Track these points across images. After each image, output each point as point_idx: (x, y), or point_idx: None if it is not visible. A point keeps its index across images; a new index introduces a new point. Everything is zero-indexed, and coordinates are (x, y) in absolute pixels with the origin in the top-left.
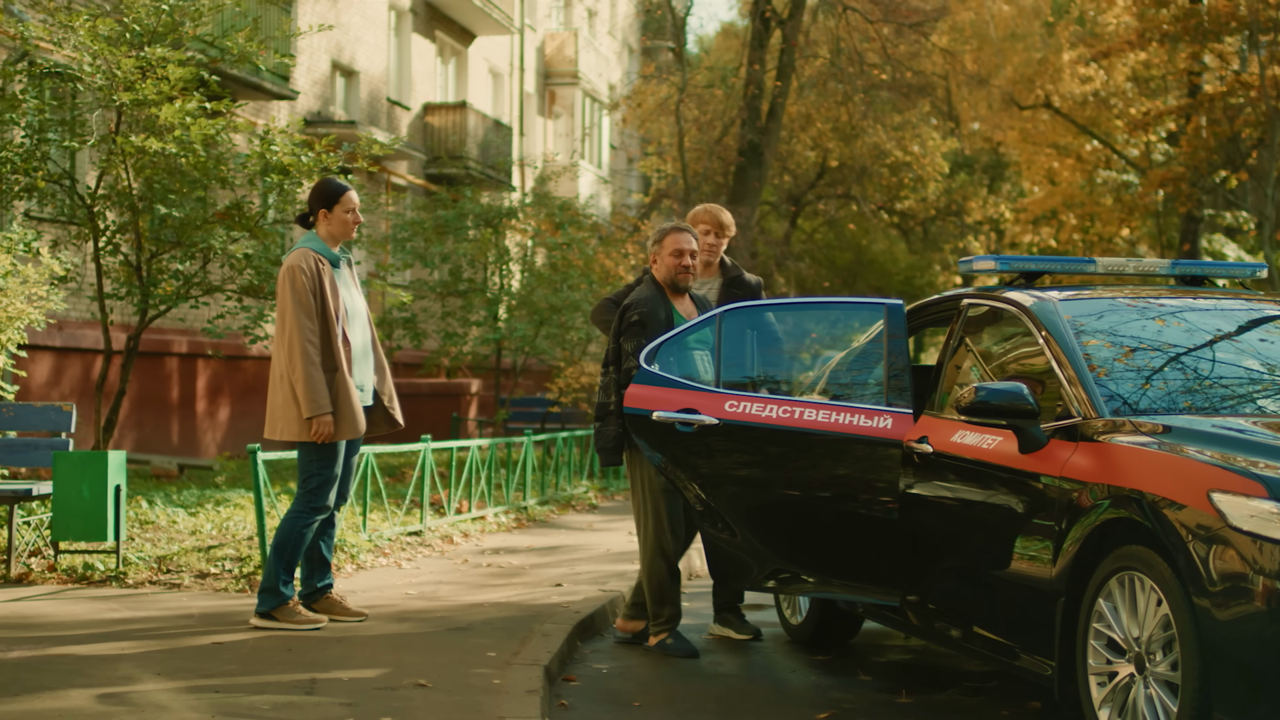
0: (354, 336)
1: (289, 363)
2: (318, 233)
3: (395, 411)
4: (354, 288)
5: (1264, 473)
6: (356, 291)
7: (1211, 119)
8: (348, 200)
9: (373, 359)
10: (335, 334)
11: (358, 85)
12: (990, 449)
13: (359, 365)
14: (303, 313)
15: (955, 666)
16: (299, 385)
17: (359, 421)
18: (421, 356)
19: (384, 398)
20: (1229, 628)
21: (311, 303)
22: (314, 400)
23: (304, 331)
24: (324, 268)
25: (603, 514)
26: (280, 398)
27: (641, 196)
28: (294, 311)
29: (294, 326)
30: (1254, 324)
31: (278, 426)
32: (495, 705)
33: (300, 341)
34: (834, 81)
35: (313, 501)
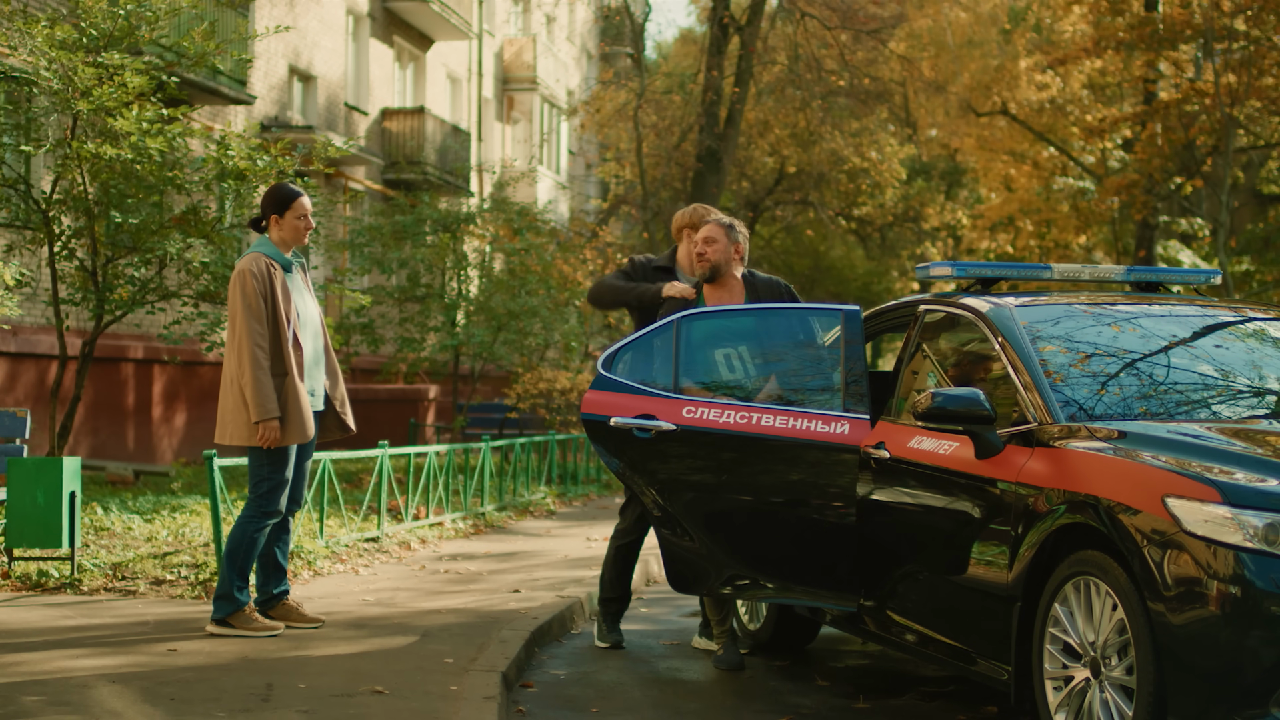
0: (305, 341)
1: (238, 367)
2: (270, 237)
3: (347, 417)
4: (306, 292)
5: (1218, 478)
6: (309, 296)
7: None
8: (299, 206)
9: (324, 364)
10: (285, 339)
11: (315, 90)
12: (947, 454)
13: (310, 370)
14: (252, 317)
15: (912, 671)
16: (248, 390)
17: (308, 427)
18: (379, 362)
19: (335, 402)
20: (1183, 632)
21: (261, 307)
22: (262, 405)
23: (253, 336)
24: (275, 272)
25: (561, 520)
26: (230, 402)
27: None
28: (244, 316)
29: (243, 331)
30: (1208, 330)
31: (227, 431)
32: (452, 712)
33: (249, 346)
34: (792, 88)
35: (264, 506)
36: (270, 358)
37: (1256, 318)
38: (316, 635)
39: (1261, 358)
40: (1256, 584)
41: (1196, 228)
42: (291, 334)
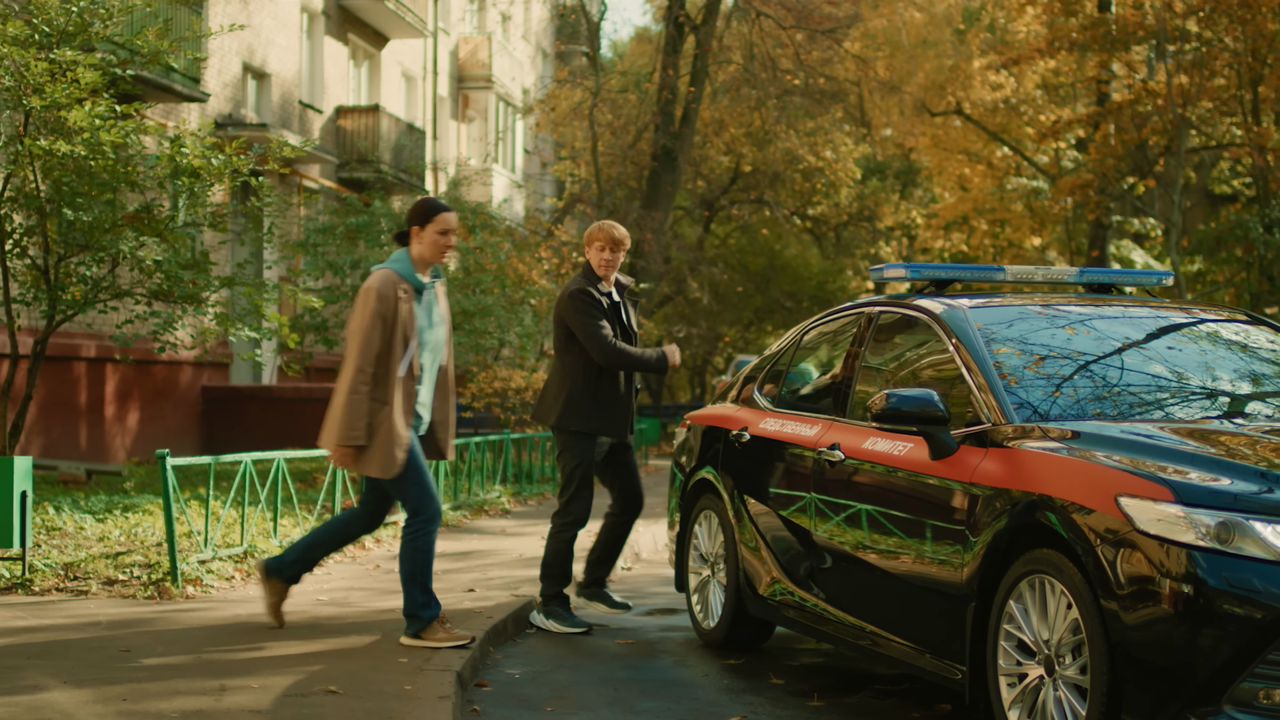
0: (424, 364)
1: (340, 384)
2: (409, 252)
3: (447, 443)
4: (437, 311)
5: (1171, 477)
6: (439, 316)
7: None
8: (442, 220)
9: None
10: (394, 368)
11: (269, 88)
12: (902, 455)
13: (422, 394)
14: (365, 340)
15: (867, 670)
16: (339, 410)
17: (393, 462)
18: (335, 361)
19: (437, 426)
20: (1137, 630)
21: (377, 332)
22: (346, 430)
23: (361, 359)
24: (405, 294)
25: (516, 519)
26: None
27: (555, 201)
28: (358, 336)
29: (354, 351)
30: (1161, 331)
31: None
32: (407, 711)
33: (353, 368)
34: (747, 87)
35: (421, 512)
36: (373, 384)
37: (1209, 319)
38: (271, 635)
39: (1214, 359)
40: (1209, 582)
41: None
42: (406, 363)
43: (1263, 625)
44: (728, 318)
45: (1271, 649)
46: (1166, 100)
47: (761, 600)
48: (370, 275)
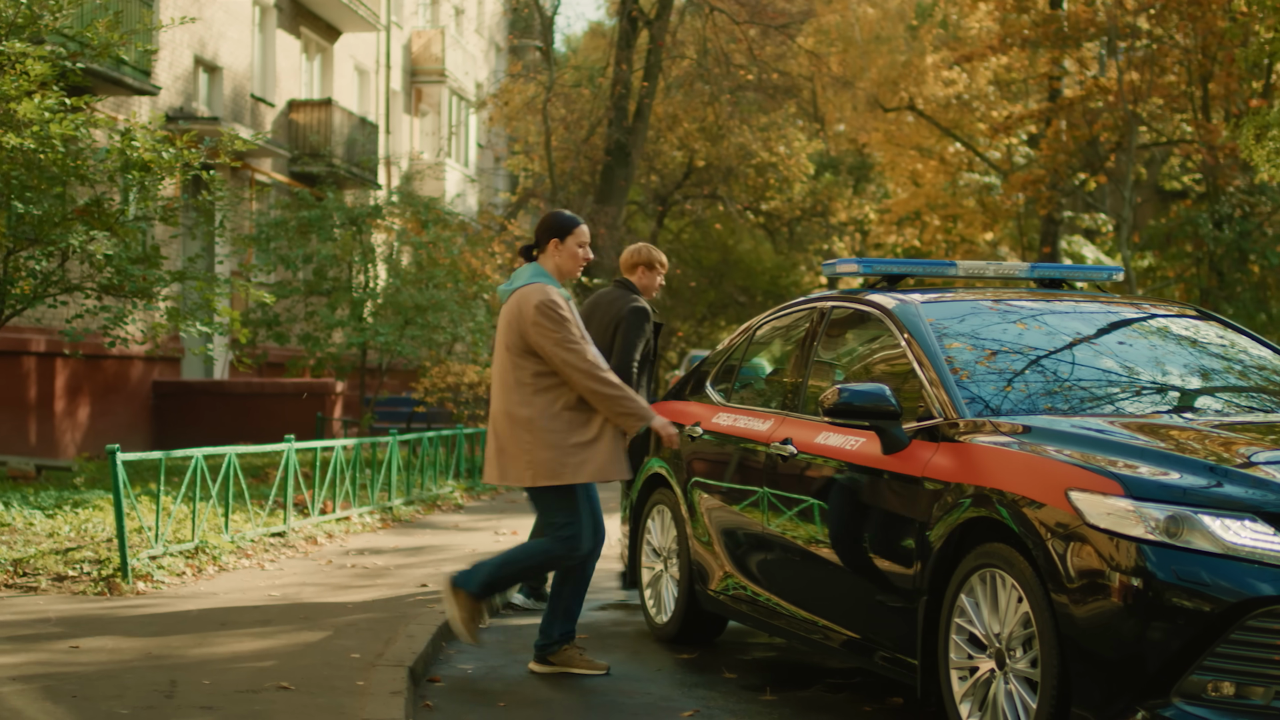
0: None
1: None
2: (544, 265)
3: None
4: None
5: (1121, 471)
6: None
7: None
8: (581, 233)
9: None
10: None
11: (221, 81)
12: (854, 450)
13: None
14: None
15: (819, 663)
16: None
17: (622, 465)
18: (286, 356)
19: None
20: (1086, 623)
21: (578, 328)
22: (639, 410)
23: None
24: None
25: (469, 514)
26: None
27: (508, 195)
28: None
29: (569, 358)
30: (1112, 326)
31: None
32: (359, 707)
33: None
34: (701, 82)
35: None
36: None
37: (1159, 314)
38: (222, 631)
39: (1164, 353)
40: (1158, 575)
41: (1100, 223)
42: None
43: (1211, 618)
44: (681, 312)
45: (1220, 642)
46: (1118, 97)
47: (714, 595)
48: (531, 288)
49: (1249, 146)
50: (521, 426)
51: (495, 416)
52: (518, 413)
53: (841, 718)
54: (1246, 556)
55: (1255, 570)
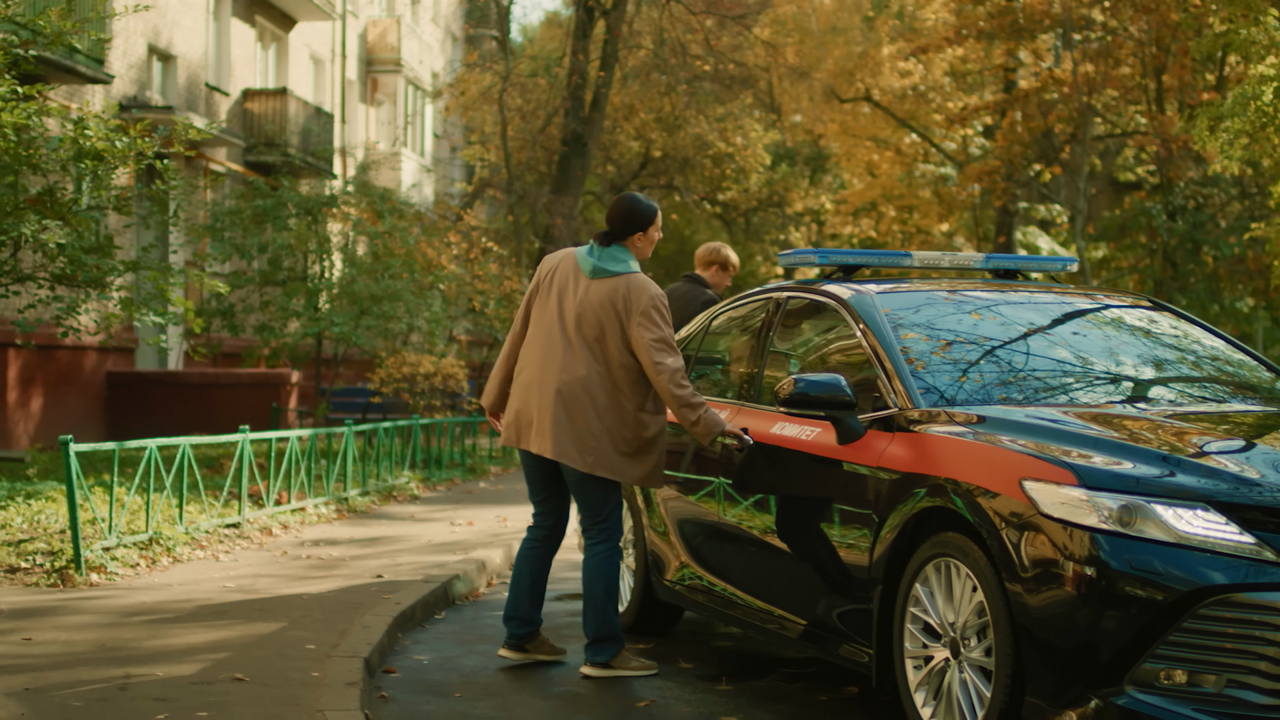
0: None
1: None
2: (635, 254)
3: None
4: None
5: (1075, 461)
6: None
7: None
8: (660, 220)
9: None
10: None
11: (175, 70)
12: (809, 440)
13: None
14: (674, 347)
15: (775, 653)
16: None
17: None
18: (241, 346)
19: None
20: (1040, 612)
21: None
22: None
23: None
24: None
25: (425, 504)
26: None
27: (465, 185)
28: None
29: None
30: (1066, 317)
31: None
32: (314, 698)
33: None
34: (657, 72)
35: (615, 535)
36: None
37: (1113, 305)
38: (176, 623)
39: (1118, 344)
40: (1111, 564)
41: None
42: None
43: (1163, 607)
44: None
45: (1172, 630)
46: (1072, 88)
47: (670, 585)
48: (643, 280)
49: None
50: (603, 412)
51: (565, 390)
52: (601, 398)
53: (797, 707)
54: (1199, 545)
55: (1207, 559)
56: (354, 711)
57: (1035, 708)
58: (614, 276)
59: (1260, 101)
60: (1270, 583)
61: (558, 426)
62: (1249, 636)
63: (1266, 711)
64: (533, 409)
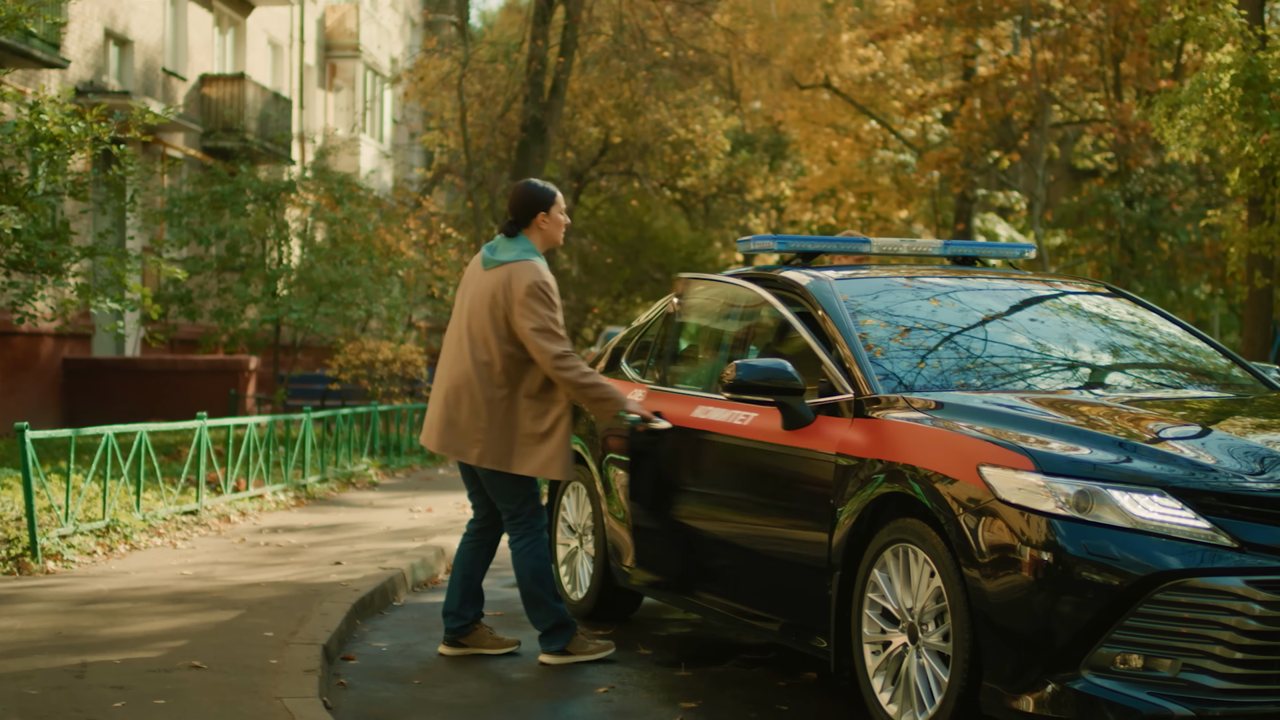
0: None
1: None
2: (532, 241)
3: None
4: None
5: (1032, 447)
6: None
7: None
8: (560, 199)
9: None
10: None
11: (132, 55)
12: (767, 427)
13: None
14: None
15: (733, 639)
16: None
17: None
18: (198, 333)
19: None
20: (997, 597)
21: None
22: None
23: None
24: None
25: (384, 491)
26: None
27: (424, 171)
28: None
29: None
30: (1024, 304)
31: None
32: (272, 685)
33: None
34: (617, 58)
35: (537, 522)
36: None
37: (1071, 291)
38: (133, 610)
39: (1075, 330)
40: (1068, 550)
41: (1013, 201)
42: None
43: (1119, 591)
44: (597, 289)
45: (1128, 615)
46: (1031, 76)
47: (629, 571)
48: (525, 266)
49: (1160, 125)
50: (481, 405)
51: (450, 386)
52: (479, 391)
53: (756, 692)
54: (1154, 531)
55: (1163, 544)
56: (312, 699)
57: (992, 692)
58: (501, 265)
59: (1217, 89)
60: (1225, 567)
61: (444, 422)
62: (1204, 621)
63: (1221, 695)
64: (433, 406)
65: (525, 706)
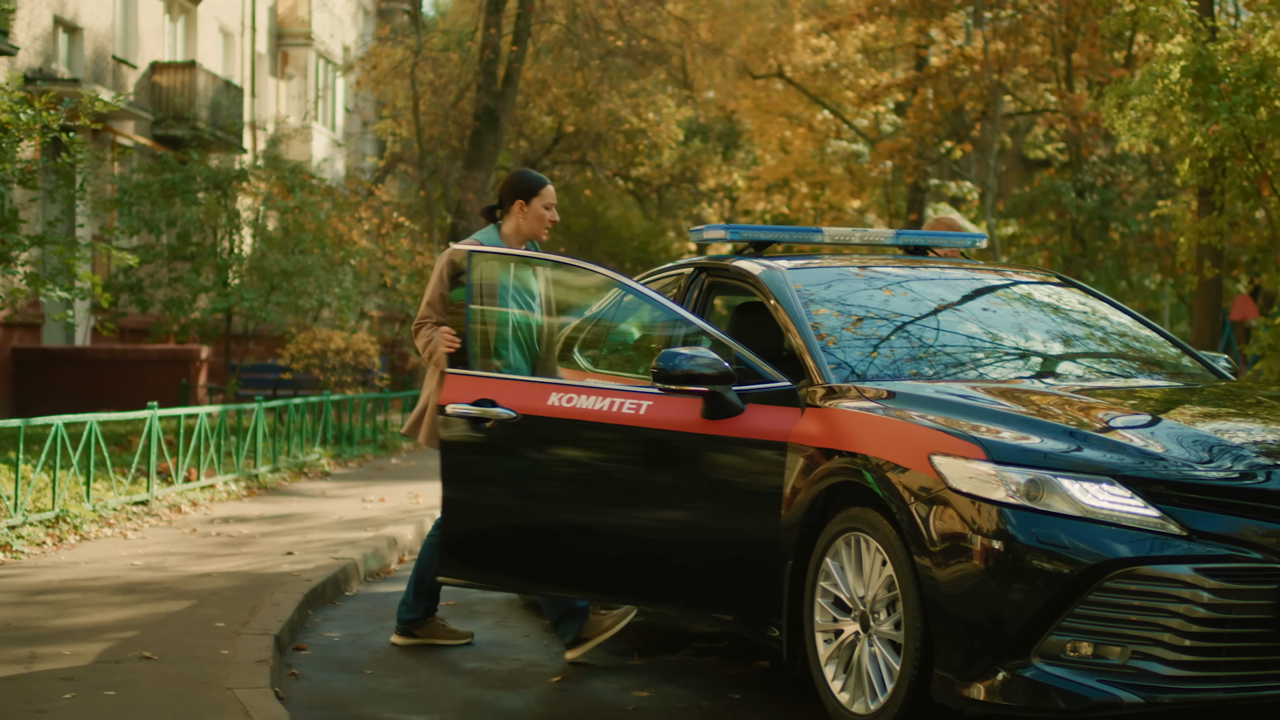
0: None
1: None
2: (502, 228)
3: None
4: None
5: (983, 436)
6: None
7: (937, 92)
8: (547, 194)
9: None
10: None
11: (81, 42)
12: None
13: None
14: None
15: (686, 629)
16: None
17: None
18: (149, 322)
19: None
20: (949, 586)
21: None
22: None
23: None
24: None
25: (336, 481)
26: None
27: (376, 160)
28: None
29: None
30: (976, 293)
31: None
32: (223, 676)
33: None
34: (570, 47)
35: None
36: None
37: (1022, 281)
38: (83, 601)
39: (1027, 320)
40: (1018, 538)
41: (965, 191)
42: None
43: (1069, 580)
44: None
45: (1078, 603)
46: (983, 66)
47: None
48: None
49: (1111, 116)
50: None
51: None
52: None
53: (708, 681)
54: (1104, 519)
55: (1112, 532)
56: (264, 689)
57: (944, 680)
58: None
59: (1168, 80)
60: (1174, 555)
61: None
62: (1153, 609)
63: (1170, 682)
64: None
65: (477, 697)
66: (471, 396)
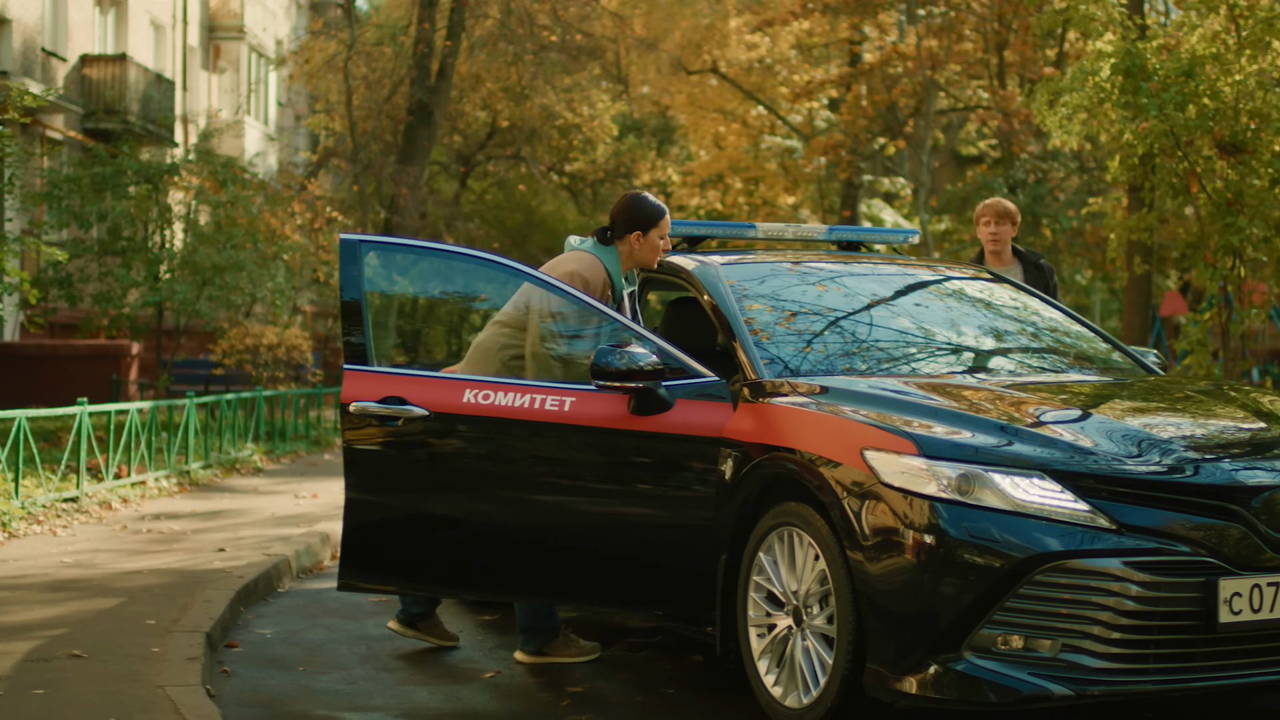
0: None
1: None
2: (619, 251)
3: None
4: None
5: (915, 431)
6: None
7: (871, 88)
8: (665, 224)
9: None
10: None
11: (10, 34)
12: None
13: None
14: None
15: (620, 624)
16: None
17: None
18: (79, 317)
19: None
20: (881, 580)
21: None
22: None
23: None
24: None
25: (269, 477)
26: None
27: (309, 155)
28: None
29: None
30: (909, 289)
31: None
32: (154, 674)
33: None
34: (504, 42)
35: None
36: None
37: (954, 277)
38: (11, 599)
39: (959, 315)
40: (950, 532)
41: (899, 187)
42: None
43: (1000, 573)
44: None
45: (1009, 596)
46: (916, 63)
47: None
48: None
49: (1042, 113)
50: None
51: None
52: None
53: (643, 675)
54: (1035, 513)
55: (1043, 526)
56: (195, 686)
57: (876, 674)
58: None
59: (1098, 77)
60: (1103, 549)
61: None
62: (1083, 602)
63: (1100, 674)
64: None
65: (410, 692)
66: (378, 394)
